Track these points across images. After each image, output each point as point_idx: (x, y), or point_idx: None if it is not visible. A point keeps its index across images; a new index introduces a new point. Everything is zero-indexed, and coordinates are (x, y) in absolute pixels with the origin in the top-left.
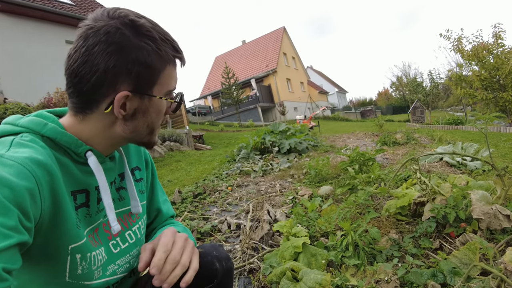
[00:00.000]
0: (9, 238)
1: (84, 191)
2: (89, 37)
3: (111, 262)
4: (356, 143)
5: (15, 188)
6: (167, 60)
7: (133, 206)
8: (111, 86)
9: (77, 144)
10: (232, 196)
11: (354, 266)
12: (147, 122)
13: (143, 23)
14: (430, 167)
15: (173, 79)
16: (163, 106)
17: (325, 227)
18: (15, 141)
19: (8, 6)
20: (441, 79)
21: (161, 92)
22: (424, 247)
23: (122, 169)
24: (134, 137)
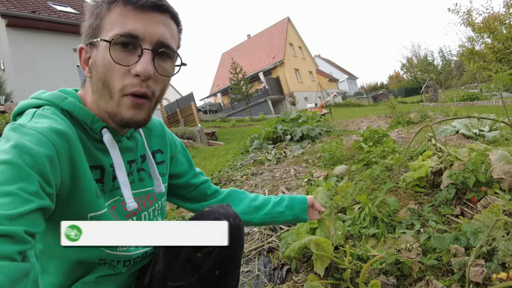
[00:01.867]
0: (31, 202)
1: (99, 167)
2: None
3: None
4: (371, 125)
5: (35, 155)
6: (108, 1)
7: (156, 186)
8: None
9: (93, 119)
10: (248, 184)
11: (374, 237)
12: (98, 76)
13: None
14: (446, 140)
15: (124, 22)
16: (109, 56)
17: (342, 202)
18: (37, 112)
19: (15, 20)
20: (452, 56)
21: (106, 38)
22: (445, 214)
23: (144, 151)
24: (99, 102)
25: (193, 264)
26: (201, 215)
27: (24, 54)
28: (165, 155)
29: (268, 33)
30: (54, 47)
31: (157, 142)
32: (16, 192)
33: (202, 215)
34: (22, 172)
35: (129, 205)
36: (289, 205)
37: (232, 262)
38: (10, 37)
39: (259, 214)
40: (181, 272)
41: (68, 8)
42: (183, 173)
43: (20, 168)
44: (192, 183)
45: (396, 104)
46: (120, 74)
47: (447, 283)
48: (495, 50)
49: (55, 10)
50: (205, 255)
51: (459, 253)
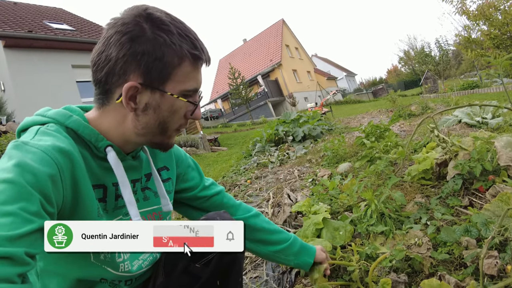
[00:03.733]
0: (31, 223)
1: (102, 186)
2: (110, 28)
3: (135, 258)
4: (372, 120)
5: (37, 174)
6: (182, 56)
7: (163, 205)
8: (121, 76)
9: (97, 138)
10: (252, 188)
11: (383, 234)
12: (159, 119)
13: (159, 16)
14: (449, 130)
15: (192, 79)
16: (178, 105)
17: (347, 201)
18: (41, 130)
19: (13, 40)
20: (449, 45)
21: (176, 90)
22: (453, 206)
23: (148, 170)
24: (145, 134)
25: (192, 275)
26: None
27: (24, 74)
28: (171, 172)
29: (264, 36)
30: (53, 65)
31: (162, 159)
32: (17, 212)
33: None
34: (24, 191)
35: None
36: (297, 253)
37: (233, 270)
38: (9, 57)
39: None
40: (180, 284)
41: (64, 25)
42: (194, 186)
43: (22, 187)
44: (201, 195)
45: (396, 98)
46: (180, 118)
47: (461, 277)
48: (491, 37)
49: (51, 28)
50: (204, 265)
51: (471, 245)
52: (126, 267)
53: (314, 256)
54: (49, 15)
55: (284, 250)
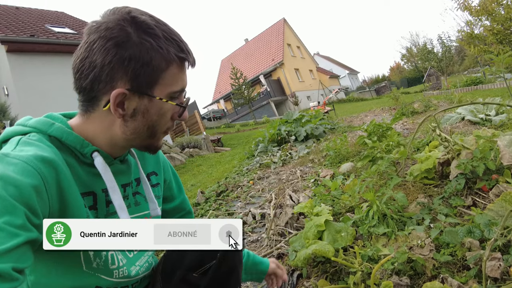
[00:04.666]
0: (17, 236)
1: (91, 193)
2: (92, 33)
3: (132, 264)
4: (375, 119)
5: (20, 186)
6: (169, 60)
7: (151, 209)
8: (108, 83)
9: (83, 144)
10: (255, 189)
11: (385, 235)
12: (148, 124)
13: (144, 19)
14: (452, 128)
15: (178, 81)
16: (166, 108)
17: (349, 202)
18: (22, 140)
19: (15, 45)
20: (452, 41)
21: (163, 93)
22: (456, 206)
23: (138, 174)
24: (134, 139)
25: (190, 284)
26: None
27: (26, 78)
28: (159, 177)
29: (265, 35)
30: (55, 68)
31: (151, 164)
32: (1, 227)
33: None
34: (7, 205)
35: None
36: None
37: (231, 278)
38: (11, 62)
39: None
40: None
41: (66, 29)
42: (173, 197)
43: (5, 200)
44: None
45: (399, 95)
46: (167, 120)
47: (463, 280)
48: (494, 32)
49: (53, 32)
50: (201, 274)
51: (474, 246)
52: (121, 273)
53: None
54: (51, 19)
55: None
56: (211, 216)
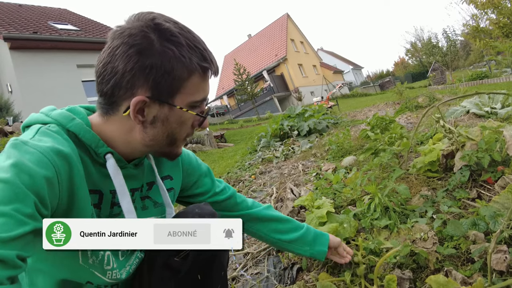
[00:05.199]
0: (25, 225)
1: (98, 192)
2: (115, 38)
3: (122, 267)
4: (378, 113)
5: (34, 176)
6: (192, 69)
7: (168, 214)
8: (128, 90)
9: (98, 144)
10: (256, 183)
11: (387, 228)
12: (167, 131)
13: (168, 27)
14: (457, 121)
15: (200, 90)
16: (186, 117)
17: (350, 194)
18: (41, 130)
19: (18, 42)
20: (457, 36)
21: (184, 102)
22: (460, 198)
23: (151, 178)
24: (153, 146)
25: (172, 268)
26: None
27: (30, 75)
28: (174, 181)
29: (269, 31)
30: (58, 65)
31: (167, 168)
32: (10, 213)
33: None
34: (19, 192)
35: None
36: (312, 242)
37: (214, 263)
38: (14, 59)
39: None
40: (160, 278)
41: (69, 25)
42: (205, 192)
43: (17, 188)
44: (213, 201)
45: (403, 90)
46: (187, 128)
47: (468, 273)
48: (500, 25)
49: (56, 28)
50: (182, 259)
51: (479, 239)
52: (114, 275)
53: (328, 243)
54: (54, 16)
55: (299, 239)
56: None
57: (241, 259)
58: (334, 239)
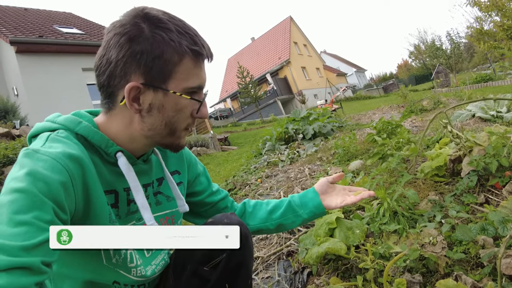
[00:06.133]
0: (46, 231)
1: (113, 191)
2: (109, 32)
3: (148, 264)
4: (383, 116)
5: (49, 182)
6: (181, 52)
7: (180, 206)
8: (122, 78)
9: (108, 144)
10: (263, 187)
11: (396, 233)
12: (164, 119)
13: (156, 14)
14: (462, 125)
15: (194, 76)
16: (183, 104)
17: None
18: (51, 136)
19: (24, 46)
20: (461, 38)
21: (179, 88)
22: (468, 203)
23: (160, 174)
24: (153, 136)
25: (201, 277)
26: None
27: (35, 78)
28: (182, 176)
29: (272, 34)
30: (64, 68)
31: (174, 163)
32: (31, 221)
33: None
34: (37, 200)
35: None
36: (301, 204)
37: (241, 272)
38: (20, 62)
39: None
40: (189, 286)
41: (74, 29)
42: (202, 191)
43: (35, 196)
44: (208, 201)
45: (407, 93)
46: (187, 117)
47: (478, 278)
48: (505, 28)
49: (61, 32)
50: (212, 268)
51: (488, 244)
52: (139, 272)
53: (315, 191)
54: (59, 19)
55: (289, 209)
56: None
57: None
58: (317, 185)
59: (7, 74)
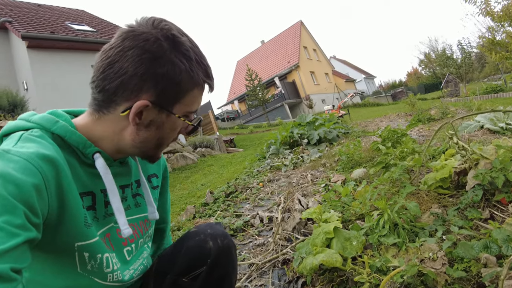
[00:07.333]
0: (17, 236)
1: (90, 193)
2: (128, 39)
3: (126, 269)
4: (390, 125)
5: (20, 185)
6: (196, 83)
7: (150, 212)
8: (134, 92)
9: (85, 144)
10: (264, 191)
11: (395, 246)
12: (158, 136)
13: (183, 41)
14: (470, 137)
15: (197, 102)
16: (178, 124)
17: (359, 209)
18: (24, 136)
19: (36, 41)
20: (472, 48)
21: (181, 111)
22: (472, 218)
23: (138, 176)
24: (141, 147)
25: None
26: (187, 236)
27: (45, 73)
28: (159, 179)
29: (282, 37)
30: (74, 65)
31: (152, 166)
32: (1, 226)
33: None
34: (7, 204)
35: (123, 232)
36: None
37: (223, 285)
38: (31, 58)
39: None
40: None
41: (85, 26)
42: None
43: (4, 199)
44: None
45: (415, 101)
46: (175, 134)
47: None
48: None
49: (73, 29)
50: (192, 279)
51: (490, 263)
52: (115, 277)
53: None
54: (71, 16)
55: None
56: (218, 217)
57: (245, 269)
58: None
59: (18, 69)
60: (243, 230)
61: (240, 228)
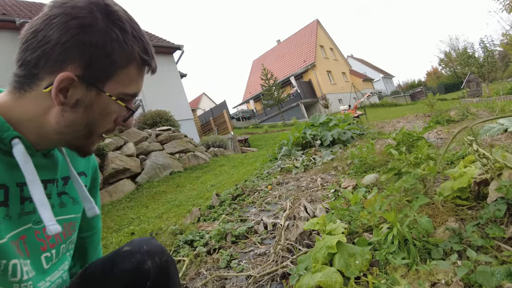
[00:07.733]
0: None
1: (2, 186)
2: (55, 7)
3: (41, 279)
4: (407, 126)
5: None
6: (131, 58)
7: (88, 209)
8: (57, 63)
9: (3, 127)
10: (272, 195)
11: (405, 265)
12: (87, 119)
13: (117, 10)
14: (492, 141)
15: (135, 83)
16: (111, 108)
17: (367, 220)
18: None
19: None
20: (495, 46)
21: (115, 91)
22: (494, 237)
23: (66, 173)
24: (67, 134)
25: None
26: (119, 255)
27: None
28: (87, 179)
29: (298, 37)
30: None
31: (82, 164)
32: None
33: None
34: None
35: (50, 229)
36: None
37: None
38: None
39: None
40: None
41: None
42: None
43: None
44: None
45: (434, 102)
46: (109, 122)
47: None
48: None
49: None
50: None
51: None
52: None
53: None
54: None
55: None
56: (223, 220)
57: (242, 281)
58: None
59: None
60: (245, 237)
61: (243, 234)
